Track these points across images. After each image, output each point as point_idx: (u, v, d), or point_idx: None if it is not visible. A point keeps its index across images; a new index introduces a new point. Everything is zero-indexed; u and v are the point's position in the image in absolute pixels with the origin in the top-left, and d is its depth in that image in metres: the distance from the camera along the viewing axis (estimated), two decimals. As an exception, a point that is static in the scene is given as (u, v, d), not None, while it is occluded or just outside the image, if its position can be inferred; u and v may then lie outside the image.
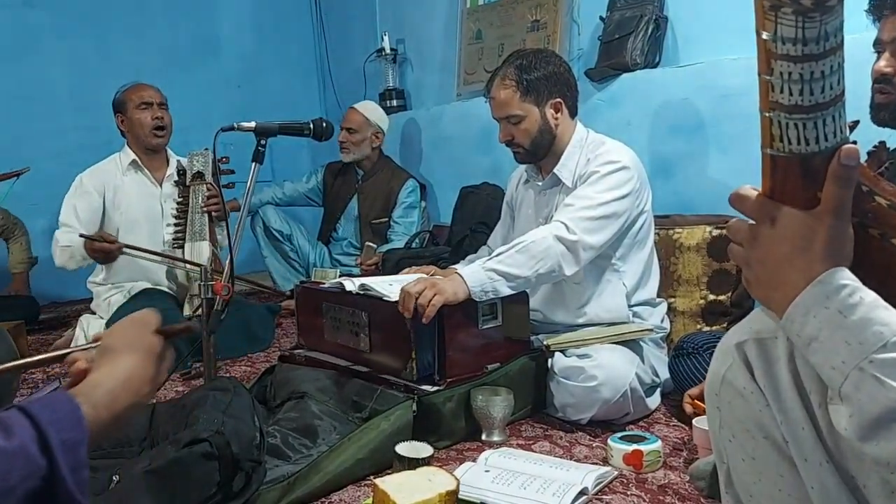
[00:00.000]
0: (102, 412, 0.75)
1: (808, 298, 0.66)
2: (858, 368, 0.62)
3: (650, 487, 1.48)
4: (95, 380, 0.80)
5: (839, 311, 0.64)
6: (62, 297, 3.94)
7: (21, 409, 0.67)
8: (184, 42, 4.41)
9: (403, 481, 1.30)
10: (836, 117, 0.66)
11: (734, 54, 2.41)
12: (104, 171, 2.88)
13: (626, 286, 1.97)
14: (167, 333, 0.91)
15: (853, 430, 0.63)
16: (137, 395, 0.82)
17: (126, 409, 0.80)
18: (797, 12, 0.60)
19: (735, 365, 0.77)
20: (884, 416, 0.60)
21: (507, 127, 2.02)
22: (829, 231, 0.68)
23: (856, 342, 0.62)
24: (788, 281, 0.69)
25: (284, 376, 1.95)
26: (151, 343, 0.88)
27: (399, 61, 4.12)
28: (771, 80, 0.64)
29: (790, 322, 0.68)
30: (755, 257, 0.72)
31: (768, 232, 0.70)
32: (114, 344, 0.86)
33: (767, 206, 0.70)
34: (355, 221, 3.64)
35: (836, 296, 0.65)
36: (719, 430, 0.81)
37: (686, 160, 2.61)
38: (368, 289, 1.88)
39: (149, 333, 0.89)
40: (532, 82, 1.97)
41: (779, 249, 0.70)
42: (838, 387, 0.64)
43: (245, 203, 2.01)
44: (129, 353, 0.84)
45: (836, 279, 0.66)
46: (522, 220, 2.18)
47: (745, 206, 0.73)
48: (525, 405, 1.90)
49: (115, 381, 0.80)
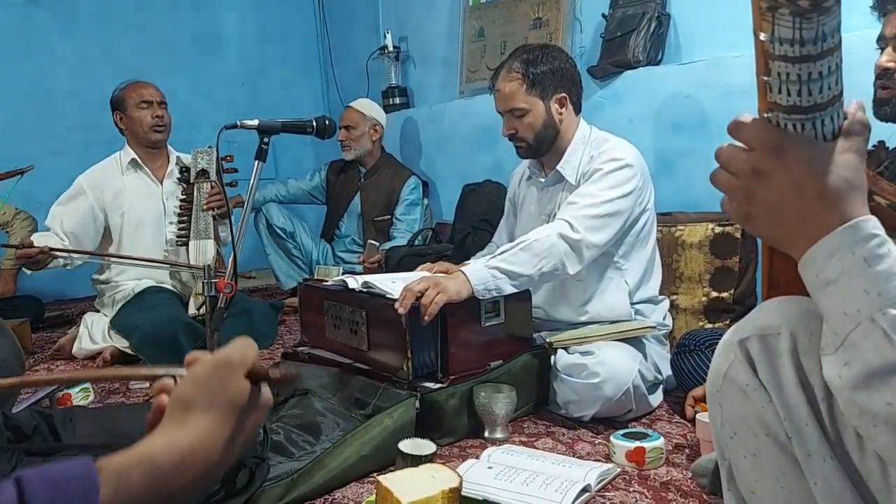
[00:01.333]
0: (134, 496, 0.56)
1: (836, 241, 0.64)
2: (871, 319, 0.61)
3: (653, 484, 1.49)
4: (145, 450, 0.59)
5: (864, 259, 0.62)
6: (66, 294, 3.95)
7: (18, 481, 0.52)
8: (187, 40, 4.42)
9: (406, 478, 1.30)
10: (835, 118, 0.66)
11: (736, 51, 2.40)
12: (103, 172, 2.87)
13: (628, 284, 1.97)
14: (260, 377, 0.67)
15: (848, 377, 0.62)
16: (205, 470, 0.61)
17: (183, 488, 0.59)
18: (795, 13, 0.60)
19: (737, 361, 0.77)
20: (882, 368, 0.60)
21: (510, 120, 2.02)
22: (853, 165, 0.65)
23: (875, 293, 0.61)
24: (815, 217, 0.65)
25: (288, 373, 1.95)
26: (238, 394, 0.64)
27: (402, 59, 4.12)
28: (769, 81, 0.64)
29: (811, 261, 0.65)
30: (759, 191, 0.68)
31: (776, 163, 0.66)
32: (187, 396, 0.63)
33: (773, 132, 0.66)
34: (358, 219, 3.65)
35: (865, 243, 0.63)
36: (721, 426, 0.81)
37: (688, 157, 2.61)
38: (371, 287, 1.89)
39: (236, 379, 0.65)
40: (538, 76, 1.97)
41: (792, 181, 0.66)
42: (846, 333, 0.63)
43: (248, 201, 2.02)
44: (204, 412, 0.62)
45: (868, 226, 0.64)
46: (525, 218, 2.18)
47: (745, 133, 0.68)
48: (528, 402, 1.90)
49: (172, 456, 0.59)
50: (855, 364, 0.62)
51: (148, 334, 2.55)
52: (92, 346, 2.73)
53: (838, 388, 0.64)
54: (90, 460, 0.55)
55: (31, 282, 3.77)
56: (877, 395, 0.61)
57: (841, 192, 0.65)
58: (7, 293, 3.40)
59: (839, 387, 0.64)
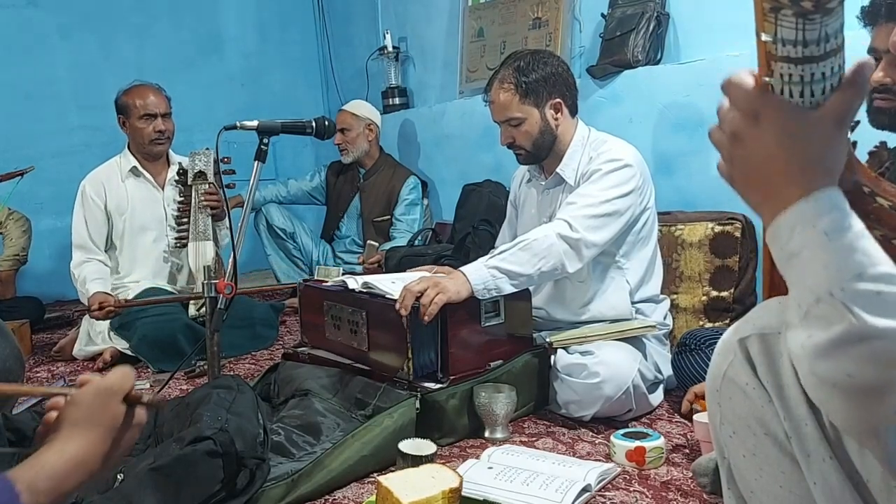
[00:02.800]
0: (42, 498, 0.74)
1: (797, 214, 0.64)
2: (830, 293, 0.61)
3: (653, 484, 1.49)
4: (43, 461, 0.77)
5: (825, 233, 0.62)
6: (67, 296, 3.95)
7: None
8: (187, 41, 4.41)
9: (407, 478, 1.30)
10: None
11: (736, 50, 2.40)
12: (105, 177, 2.87)
13: (629, 283, 1.97)
14: (134, 401, 0.85)
15: (811, 347, 0.62)
16: (89, 474, 0.79)
17: (79, 484, 0.78)
18: (798, 14, 0.59)
19: (737, 361, 0.77)
20: (841, 339, 0.60)
21: (507, 130, 2.02)
22: (827, 138, 0.65)
23: (834, 268, 0.61)
24: (779, 190, 0.65)
25: (288, 374, 1.95)
26: (114, 416, 0.82)
27: (401, 59, 4.12)
28: (771, 82, 0.64)
29: (777, 230, 0.66)
30: (738, 154, 0.68)
31: (753, 130, 0.66)
32: (72, 416, 0.81)
33: (757, 98, 0.66)
34: (358, 219, 3.65)
35: (825, 216, 0.63)
36: (720, 426, 0.81)
37: (688, 157, 2.61)
38: (371, 287, 1.89)
39: (114, 403, 0.83)
40: (531, 84, 1.96)
41: (765, 149, 0.66)
42: (807, 305, 0.63)
43: (248, 201, 2.02)
44: (86, 430, 0.80)
45: (830, 200, 0.63)
46: (526, 219, 2.18)
47: (734, 91, 0.67)
48: (528, 402, 1.90)
49: (63, 464, 0.77)
50: (816, 336, 0.62)
51: (147, 335, 2.55)
52: (92, 347, 2.73)
53: (800, 357, 0.64)
54: (6, 475, 0.73)
55: (32, 283, 3.77)
56: (837, 365, 0.60)
57: (807, 166, 0.64)
58: (6, 295, 3.40)
59: (801, 356, 0.64)
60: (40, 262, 3.85)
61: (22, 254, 3.44)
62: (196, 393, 1.58)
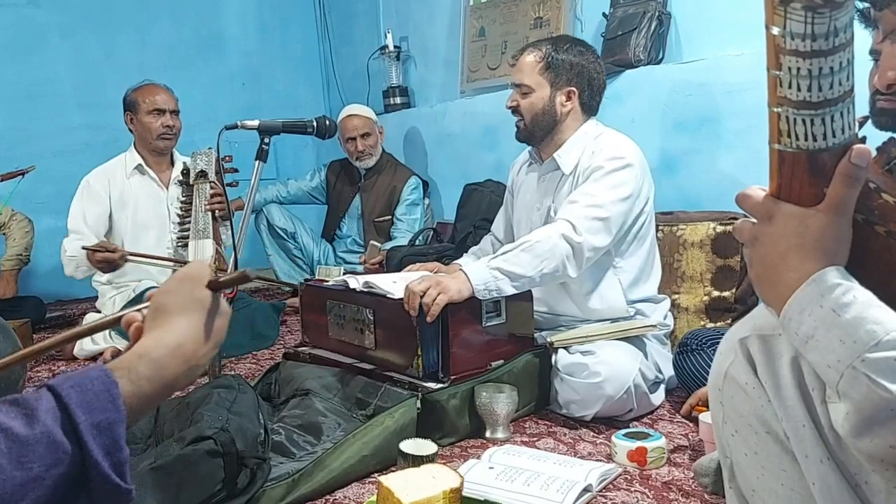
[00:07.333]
0: (146, 385, 0.69)
1: (803, 297, 0.67)
2: (852, 367, 0.62)
3: (654, 484, 1.48)
4: (141, 349, 0.73)
5: (833, 310, 0.64)
6: (68, 295, 3.95)
7: (51, 388, 0.63)
8: (188, 40, 4.41)
9: (407, 478, 1.30)
10: (845, 113, 0.66)
11: (737, 50, 2.40)
12: (110, 173, 2.89)
13: (622, 282, 1.97)
14: (221, 285, 0.82)
15: (849, 428, 0.63)
16: (192, 359, 0.75)
17: (179, 376, 0.74)
18: (807, 8, 0.59)
19: (738, 360, 0.77)
20: (876, 414, 0.61)
21: (515, 94, 2.04)
22: (824, 227, 0.67)
23: (850, 341, 0.62)
24: (784, 279, 0.69)
25: (289, 374, 1.95)
26: (204, 299, 0.80)
27: (402, 59, 4.11)
28: (779, 76, 0.64)
29: (788, 320, 0.68)
30: (756, 255, 0.73)
31: (767, 230, 0.71)
32: (164, 304, 0.78)
33: (767, 203, 0.71)
34: (359, 219, 3.65)
35: (829, 294, 0.65)
36: (722, 425, 0.81)
37: (690, 156, 2.61)
38: (372, 286, 1.89)
39: (201, 289, 0.80)
40: (557, 62, 1.97)
41: (775, 247, 0.70)
42: (835, 385, 0.64)
43: (249, 201, 2.02)
44: (181, 315, 0.77)
45: (830, 278, 0.66)
46: (521, 205, 2.18)
47: (746, 203, 0.73)
48: (529, 402, 1.90)
49: (164, 349, 0.73)
50: (851, 414, 0.63)
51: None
52: (93, 346, 2.73)
53: (844, 437, 0.66)
54: (103, 364, 0.68)
55: (33, 283, 3.77)
56: (878, 441, 0.62)
57: (806, 253, 0.68)
58: (8, 294, 3.40)
59: (843, 436, 0.65)
60: (41, 262, 3.85)
61: (25, 254, 3.45)
62: (197, 392, 1.58)
